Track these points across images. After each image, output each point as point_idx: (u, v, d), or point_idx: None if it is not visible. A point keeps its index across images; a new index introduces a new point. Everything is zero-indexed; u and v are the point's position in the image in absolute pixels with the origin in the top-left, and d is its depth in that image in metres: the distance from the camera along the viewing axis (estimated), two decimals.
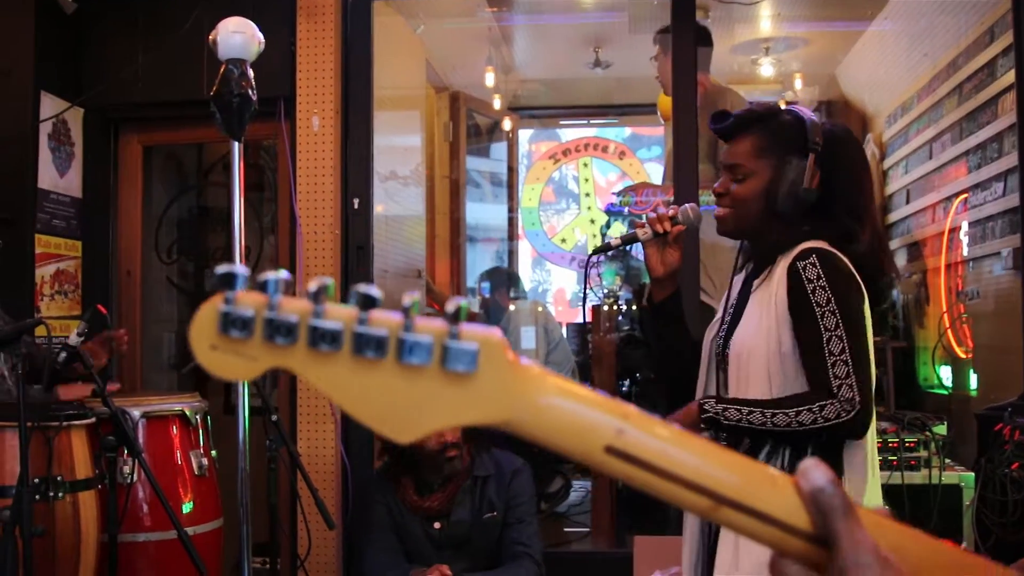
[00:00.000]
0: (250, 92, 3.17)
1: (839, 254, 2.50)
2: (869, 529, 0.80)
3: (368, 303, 0.76)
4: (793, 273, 2.47)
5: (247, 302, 0.75)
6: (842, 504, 0.80)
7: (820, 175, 2.55)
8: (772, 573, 0.84)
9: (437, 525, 4.13)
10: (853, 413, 2.37)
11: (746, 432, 2.47)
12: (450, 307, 0.76)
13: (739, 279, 2.79)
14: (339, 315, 0.75)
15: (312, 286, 0.76)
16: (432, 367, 0.76)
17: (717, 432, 2.48)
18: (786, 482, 0.82)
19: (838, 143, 2.61)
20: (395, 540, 4.15)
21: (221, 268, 0.76)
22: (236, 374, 0.76)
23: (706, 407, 2.49)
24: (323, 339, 0.75)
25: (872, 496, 2.54)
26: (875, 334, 2.56)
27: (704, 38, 5.84)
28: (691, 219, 2.77)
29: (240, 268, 0.76)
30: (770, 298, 2.53)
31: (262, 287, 0.76)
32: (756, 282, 2.63)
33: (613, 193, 6.72)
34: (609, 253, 5.98)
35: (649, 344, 6.30)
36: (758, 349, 2.51)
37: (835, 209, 2.57)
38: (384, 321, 0.76)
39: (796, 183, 2.53)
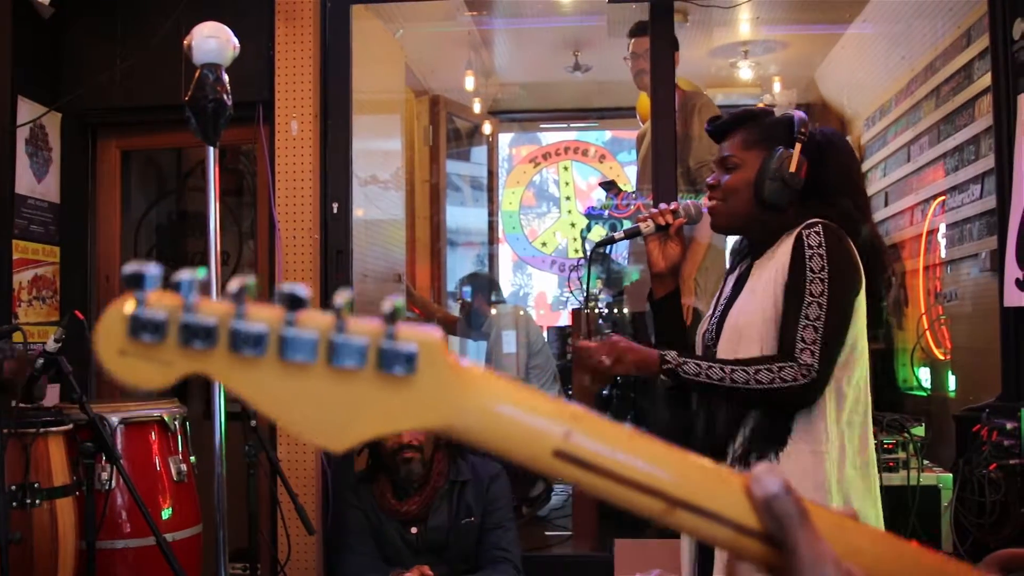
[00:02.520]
0: (225, 97, 3.16)
1: (841, 229, 2.54)
2: (827, 532, 0.77)
3: (295, 303, 0.70)
4: (797, 240, 2.52)
5: (159, 304, 0.69)
6: (797, 511, 0.76)
7: (811, 170, 2.61)
8: None
9: (414, 530, 4.12)
10: (807, 380, 2.40)
11: (704, 388, 2.51)
12: (386, 307, 0.71)
13: (732, 278, 2.82)
14: (263, 316, 0.69)
15: (232, 286, 0.70)
16: (367, 371, 0.71)
17: (675, 383, 2.53)
18: (740, 482, 0.79)
19: (828, 140, 2.69)
20: (372, 545, 4.15)
21: (128, 267, 0.69)
22: (149, 381, 0.70)
23: (667, 358, 2.53)
24: (246, 343, 0.69)
25: (864, 492, 2.56)
26: (869, 328, 2.59)
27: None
28: (692, 213, 2.84)
29: (150, 267, 0.70)
30: (772, 271, 2.57)
31: (176, 287, 0.70)
32: (758, 263, 2.67)
33: (600, 184, 6.71)
34: (605, 249, 5.98)
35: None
36: (754, 316, 2.56)
37: (832, 194, 2.62)
38: (313, 322, 0.70)
39: (782, 168, 2.59)
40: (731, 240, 3.22)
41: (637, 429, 0.78)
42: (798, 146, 2.60)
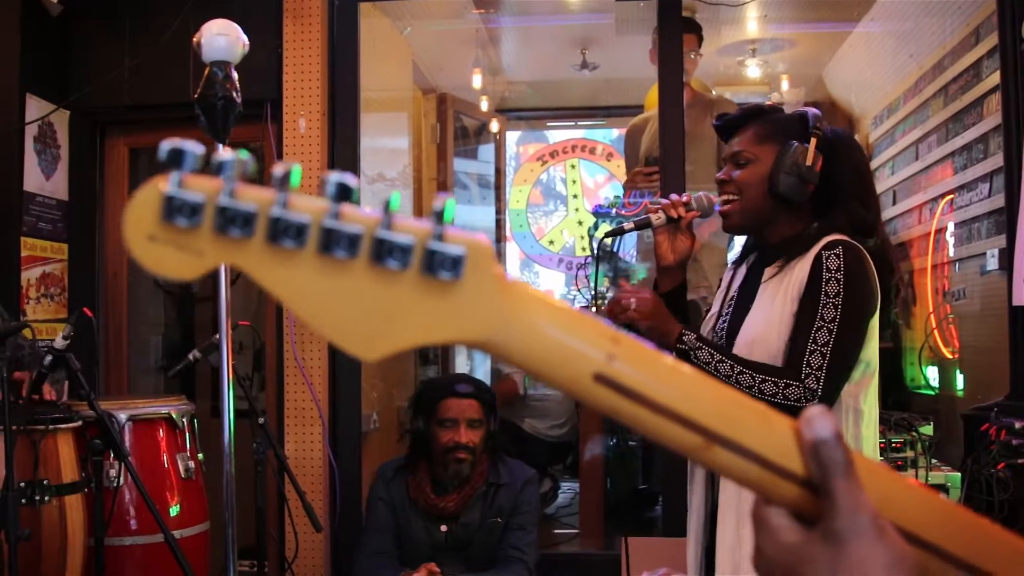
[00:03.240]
0: (234, 94, 3.17)
1: (863, 250, 2.52)
2: (863, 480, 0.76)
3: (343, 194, 0.66)
4: (817, 261, 2.49)
5: (198, 186, 0.65)
6: (844, 460, 0.75)
7: (824, 167, 2.58)
8: (755, 520, 0.80)
9: (444, 528, 4.12)
10: (808, 405, 2.38)
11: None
12: (437, 204, 0.67)
13: (740, 272, 2.79)
14: (307, 207, 0.66)
15: (277, 170, 0.66)
16: (410, 273, 0.67)
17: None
18: (782, 423, 0.77)
19: (841, 138, 2.66)
20: (389, 542, 4.14)
21: (167, 143, 0.65)
22: (177, 271, 0.66)
23: (684, 338, 2.53)
24: (286, 233, 0.65)
25: None
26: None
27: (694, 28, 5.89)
28: (705, 206, 2.78)
29: (191, 144, 0.65)
30: (786, 290, 2.54)
31: (217, 169, 0.65)
32: (768, 271, 2.63)
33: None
34: (609, 248, 5.97)
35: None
36: (770, 337, 2.53)
37: (843, 197, 2.60)
38: (358, 217, 0.66)
39: (798, 163, 2.55)
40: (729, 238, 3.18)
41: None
42: (813, 140, 2.57)
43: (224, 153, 0.65)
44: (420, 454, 4.21)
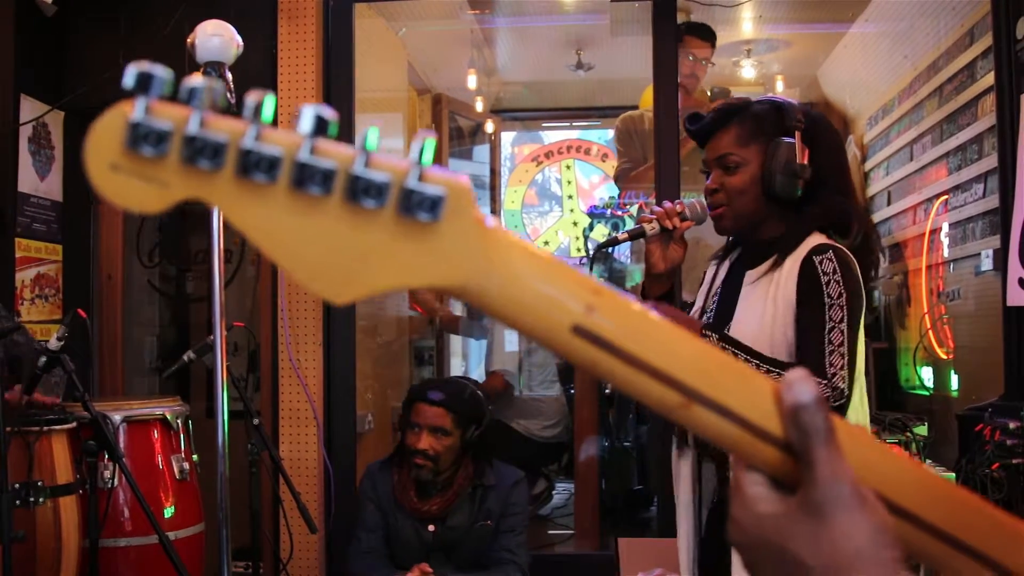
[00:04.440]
0: (228, 95, 3.16)
1: (850, 254, 2.51)
2: (844, 445, 0.73)
3: (319, 128, 0.62)
4: (808, 266, 2.47)
5: (166, 113, 0.62)
6: (824, 427, 0.73)
7: (808, 153, 2.55)
8: (732, 487, 0.77)
9: (431, 528, 4.12)
10: (838, 404, 2.38)
11: None
12: (415, 144, 0.64)
13: (724, 267, 2.78)
14: (280, 139, 0.62)
15: (250, 99, 0.62)
16: (387, 212, 0.64)
17: None
18: (763, 384, 0.75)
19: (817, 124, 2.62)
20: (380, 542, 4.15)
21: (133, 67, 0.62)
22: (140, 203, 0.62)
23: (705, 334, 2.48)
24: (257, 167, 0.61)
25: None
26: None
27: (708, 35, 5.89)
28: (699, 214, 2.73)
29: (160, 68, 0.63)
30: (776, 293, 2.52)
31: (187, 97, 0.62)
32: (751, 274, 2.61)
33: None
34: (608, 249, 5.97)
35: None
36: (762, 341, 2.50)
37: (824, 190, 2.57)
38: (334, 152, 0.63)
39: (790, 160, 2.52)
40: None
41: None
42: (798, 134, 2.53)
43: (194, 79, 0.62)
44: (402, 453, 4.21)
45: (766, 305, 2.53)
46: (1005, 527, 0.83)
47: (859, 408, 2.55)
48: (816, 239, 2.52)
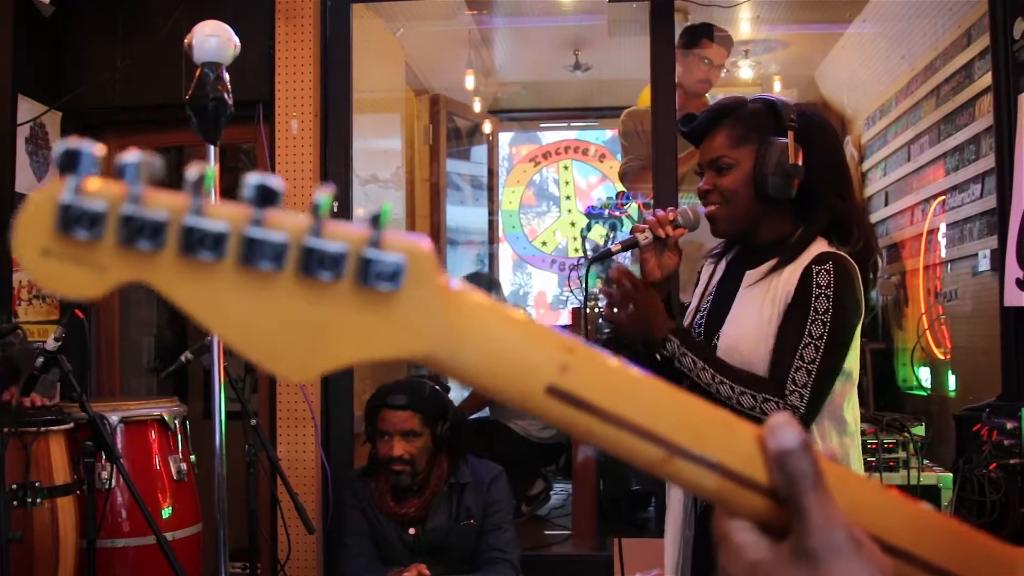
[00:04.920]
0: (226, 96, 3.16)
1: (853, 264, 2.48)
2: (833, 488, 0.71)
3: (266, 198, 0.58)
4: (806, 275, 2.45)
5: (99, 192, 0.57)
6: (812, 472, 0.70)
7: (802, 153, 2.52)
8: (718, 537, 0.74)
9: (412, 531, 4.12)
10: None
11: (690, 382, 2.47)
12: (373, 210, 0.60)
13: (720, 267, 2.77)
14: (224, 214, 0.58)
15: (190, 173, 0.58)
16: (344, 284, 0.60)
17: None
18: (746, 431, 0.72)
19: (812, 123, 2.59)
20: (370, 545, 4.14)
21: (60, 145, 0.57)
22: (76, 289, 0.58)
23: (668, 346, 2.52)
24: (201, 244, 0.57)
25: None
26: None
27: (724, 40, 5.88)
28: (691, 220, 2.71)
29: (88, 144, 0.58)
30: (773, 299, 2.50)
31: (119, 173, 0.57)
32: (751, 275, 2.59)
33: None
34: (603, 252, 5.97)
35: (628, 346, 6.30)
36: (760, 351, 2.49)
37: (821, 191, 2.54)
38: (285, 223, 0.59)
39: (782, 161, 2.50)
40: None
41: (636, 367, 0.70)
42: (791, 134, 2.51)
43: (128, 154, 0.58)
44: (378, 461, 4.21)
45: (763, 308, 2.51)
46: (1001, 557, 0.81)
47: (851, 423, 2.54)
48: (819, 247, 2.50)
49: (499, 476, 4.27)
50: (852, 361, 2.50)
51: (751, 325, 2.52)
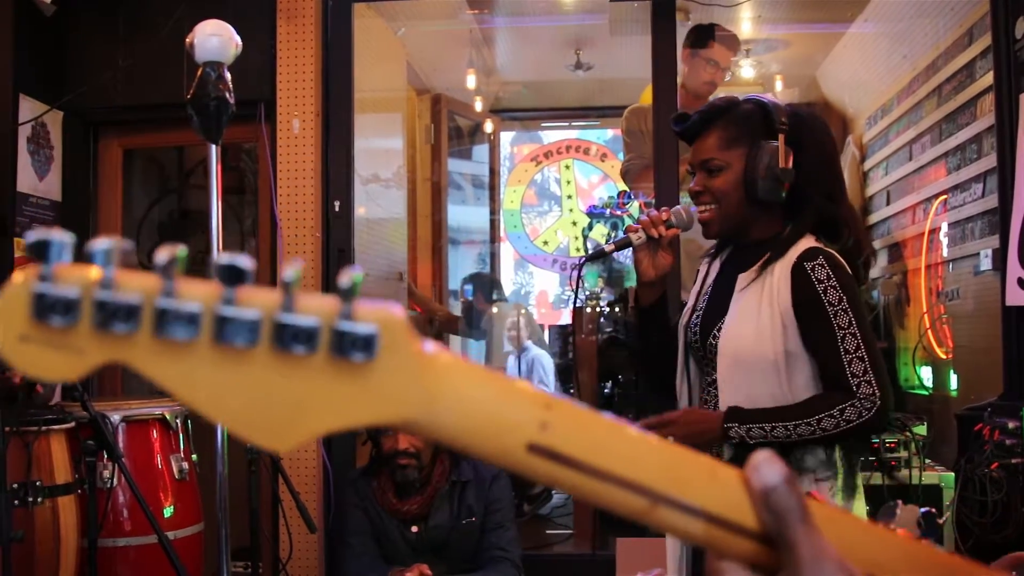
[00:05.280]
0: (227, 95, 3.16)
1: (840, 259, 2.49)
2: (822, 527, 0.70)
3: (235, 277, 0.59)
4: (799, 273, 2.46)
5: (71, 279, 0.58)
6: (798, 506, 0.70)
7: (792, 156, 2.53)
8: None
9: (414, 529, 4.12)
10: (873, 410, 2.37)
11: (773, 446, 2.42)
12: (343, 281, 0.61)
13: (715, 267, 2.77)
14: (197, 293, 0.59)
15: (160, 256, 0.59)
16: (319, 357, 0.61)
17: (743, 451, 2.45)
18: (729, 475, 0.72)
19: (804, 124, 2.60)
20: (373, 543, 4.14)
21: (31, 234, 0.58)
22: (56, 372, 0.59)
23: (731, 433, 2.46)
24: (176, 324, 0.59)
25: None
26: None
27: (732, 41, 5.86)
28: (684, 221, 2.72)
29: (57, 233, 0.59)
30: (769, 299, 2.50)
31: (90, 259, 0.59)
32: (743, 278, 2.60)
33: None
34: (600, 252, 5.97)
35: (629, 346, 6.31)
36: (763, 351, 2.49)
37: (810, 193, 2.55)
38: (256, 299, 0.60)
39: (772, 165, 2.51)
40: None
41: (618, 418, 0.70)
42: (781, 137, 2.52)
43: (98, 242, 0.59)
44: (379, 459, 4.20)
45: (760, 311, 2.52)
46: None
47: None
48: (805, 243, 2.51)
49: (500, 474, 4.27)
50: None
51: (751, 326, 2.52)
